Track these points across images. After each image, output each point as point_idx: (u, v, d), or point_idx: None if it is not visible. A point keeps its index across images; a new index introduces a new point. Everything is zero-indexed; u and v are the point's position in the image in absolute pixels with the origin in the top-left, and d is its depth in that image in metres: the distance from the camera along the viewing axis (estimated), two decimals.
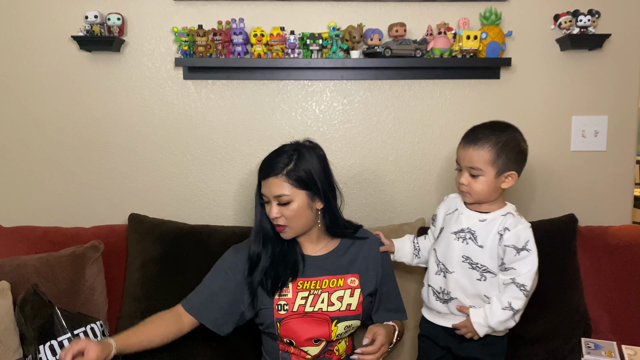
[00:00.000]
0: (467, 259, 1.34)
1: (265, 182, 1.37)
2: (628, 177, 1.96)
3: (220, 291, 1.42)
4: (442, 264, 1.39)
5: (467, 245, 1.35)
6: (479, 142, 1.30)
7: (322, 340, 1.39)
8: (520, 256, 1.30)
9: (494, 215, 1.35)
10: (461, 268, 1.35)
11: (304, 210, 1.37)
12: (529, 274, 1.29)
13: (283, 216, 1.36)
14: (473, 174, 1.32)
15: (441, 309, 1.41)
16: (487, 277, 1.34)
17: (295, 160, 1.36)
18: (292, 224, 1.37)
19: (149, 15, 1.84)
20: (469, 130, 1.36)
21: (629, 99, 1.92)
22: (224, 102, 1.89)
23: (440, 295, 1.40)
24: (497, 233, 1.32)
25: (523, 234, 1.31)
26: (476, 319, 1.33)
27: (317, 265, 1.44)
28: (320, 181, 1.38)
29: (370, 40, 1.76)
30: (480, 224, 1.35)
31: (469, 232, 1.35)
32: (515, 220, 1.33)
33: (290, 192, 1.35)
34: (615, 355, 1.54)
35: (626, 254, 1.70)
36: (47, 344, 1.39)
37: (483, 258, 1.33)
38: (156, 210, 1.88)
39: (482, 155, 1.30)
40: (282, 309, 1.38)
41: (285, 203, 1.35)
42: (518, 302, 1.30)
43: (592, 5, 1.83)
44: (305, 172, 1.36)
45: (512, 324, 1.33)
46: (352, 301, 1.41)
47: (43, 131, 1.88)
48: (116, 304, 1.69)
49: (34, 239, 1.72)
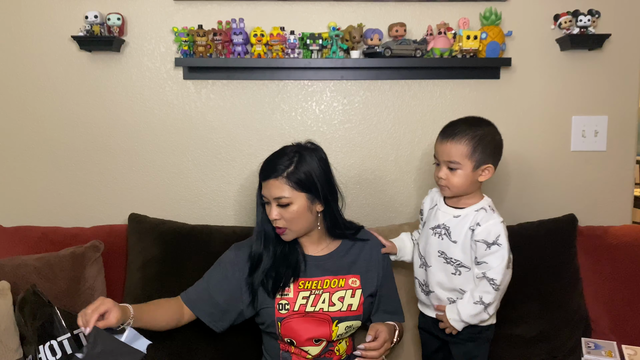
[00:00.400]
0: (442, 254, 1.38)
1: (265, 183, 1.37)
2: (628, 177, 1.96)
3: (219, 287, 1.43)
4: (424, 257, 1.44)
5: (442, 240, 1.38)
6: (457, 136, 1.33)
7: (323, 340, 1.39)
8: (491, 250, 1.32)
9: (467, 211, 1.37)
10: (437, 262, 1.39)
11: (303, 212, 1.36)
12: (499, 268, 1.31)
13: (283, 218, 1.36)
14: (451, 167, 1.34)
15: (425, 300, 1.46)
16: (461, 272, 1.36)
17: (296, 162, 1.35)
18: (291, 226, 1.37)
19: (149, 15, 1.84)
20: (445, 126, 1.39)
21: (629, 99, 1.92)
22: (224, 102, 1.89)
23: (424, 288, 1.45)
24: (469, 229, 1.35)
25: (494, 229, 1.33)
26: (450, 315, 1.37)
27: (319, 266, 1.44)
28: (320, 184, 1.37)
29: (370, 40, 1.77)
30: (454, 220, 1.38)
31: (444, 227, 1.39)
32: (487, 215, 1.35)
33: (290, 194, 1.34)
34: (615, 355, 1.54)
35: (626, 254, 1.70)
36: (46, 344, 1.39)
37: (456, 253, 1.36)
38: (156, 210, 1.88)
39: (459, 149, 1.33)
40: (283, 309, 1.38)
41: (284, 205, 1.35)
42: (488, 296, 1.32)
43: (592, 5, 1.83)
44: (305, 174, 1.35)
45: (485, 317, 1.35)
46: (353, 302, 1.41)
47: (43, 131, 1.88)
48: None
49: (34, 239, 1.72)
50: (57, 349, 1.39)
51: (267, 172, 1.37)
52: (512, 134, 1.91)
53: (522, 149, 1.92)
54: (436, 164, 1.39)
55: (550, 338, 1.64)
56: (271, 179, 1.35)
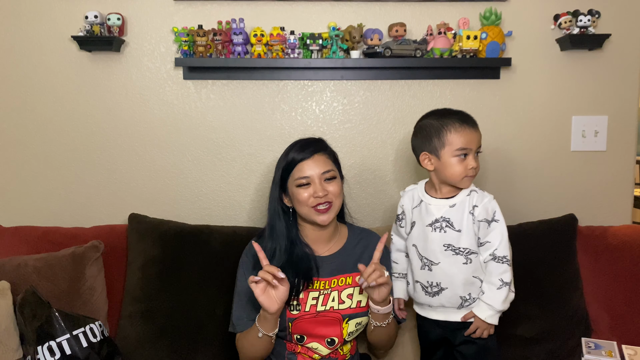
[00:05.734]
0: (449, 247, 1.36)
1: (311, 159, 1.39)
2: (628, 177, 1.96)
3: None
4: (425, 257, 1.40)
5: (446, 233, 1.36)
6: (475, 122, 1.37)
7: (336, 341, 1.40)
8: (492, 227, 1.35)
9: (461, 198, 1.38)
10: (446, 257, 1.37)
11: (341, 188, 1.44)
12: (503, 244, 1.34)
13: (329, 192, 1.39)
14: (478, 152, 1.38)
15: (432, 302, 1.41)
16: (472, 259, 1.36)
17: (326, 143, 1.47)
18: (336, 201, 1.40)
19: (149, 15, 1.84)
20: (459, 114, 1.38)
21: (629, 99, 1.92)
22: (224, 102, 1.89)
23: (429, 289, 1.40)
24: (469, 213, 1.36)
25: (489, 205, 1.36)
26: (482, 313, 1.35)
27: (327, 266, 1.45)
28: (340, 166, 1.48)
29: (370, 40, 1.77)
30: (451, 210, 1.37)
31: (444, 220, 1.37)
32: (480, 195, 1.37)
33: (333, 168, 1.42)
34: (616, 355, 1.54)
35: (626, 254, 1.70)
36: (45, 345, 1.39)
37: (463, 241, 1.36)
38: (156, 210, 1.88)
39: (480, 134, 1.37)
40: (294, 309, 1.40)
41: (331, 178, 1.40)
42: (507, 275, 1.34)
43: (592, 5, 1.83)
44: (335, 155, 1.48)
45: (512, 296, 1.37)
46: (361, 298, 1.43)
47: (43, 131, 1.88)
48: (116, 304, 1.69)
49: (34, 239, 1.72)
50: (56, 350, 1.39)
51: (311, 148, 1.41)
52: (512, 134, 1.91)
53: (522, 149, 1.92)
54: (463, 155, 1.34)
55: (550, 338, 1.64)
56: (318, 153, 1.41)
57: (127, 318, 1.64)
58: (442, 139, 1.35)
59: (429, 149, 1.38)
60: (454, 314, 1.40)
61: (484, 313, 1.35)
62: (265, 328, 1.32)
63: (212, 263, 1.67)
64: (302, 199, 1.38)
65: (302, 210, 1.40)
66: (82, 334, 1.44)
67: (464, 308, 1.38)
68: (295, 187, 1.39)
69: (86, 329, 1.45)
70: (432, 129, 1.37)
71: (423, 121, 1.43)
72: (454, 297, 1.37)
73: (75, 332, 1.43)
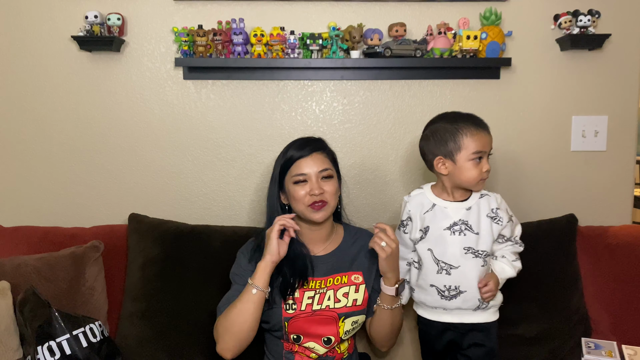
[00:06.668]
0: (469, 249, 1.36)
1: (308, 158, 1.40)
2: (628, 177, 1.96)
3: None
4: (443, 262, 1.37)
5: (465, 236, 1.37)
6: (487, 125, 1.39)
7: (332, 340, 1.40)
8: (514, 222, 1.44)
9: (474, 200, 1.41)
10: (466, 260, 1.36)
11: (338, 188, 1.44)
12: (520, 231, 1.47)
13: (325, 192, 1.39)
14: (489, 155, 1.39)
15: (447, 305, 1.39)
16: (487, 262, 1.39)
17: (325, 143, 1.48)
18: (331, 200, 1.40)
19: (149, 15, 1.84)
20: (472, 118, 1.38)
21: (629, 99, 1.92)
22: (224, 102, 1.89)
23: (446, 293, 1.38)
24: (487, 217, 1.38)
25: (502, 205, 1.43)
26: (504, 274, 1.42)
27: (322, 266, 1.45)
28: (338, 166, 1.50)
29: (370, 40, 1.77)
30: (468, 212, 1.39)
31: (463, 223, 1.37)
32: (492, 197, 1.43)
33: (331, 167, 1.43)
34: (616, 355, 1.54)
35: (626, 254, 1.70)
36: (45, 345, 1.39)
37: (482, 244, 1.37)
38: (156, 210, 1.88)
39: (491, 137, 1.39)
40: (290, 308, 1.40)
41: (328, 177, 1.41)
42: (520, 248, 1.47)
43: (592, 5, 1.83)
44: (334, 155, 1.49)
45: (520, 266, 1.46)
46: (357, 296, 1.43)
47: (43, 131, 1.88)
48: (116, 304, 1.69)
49: (34, 239, 1.72)
50: (56, 350, 1.39)
51: (310, 147, 1.42)
52: (512, 134, 1.91)
53: (522, 149, 1.92)
54: (478, 158, 1.34)
55: (550, 338, 1.64)
56: (317, 152, 1.42)
57: (127, 318, 1.64)
58: (457, 143, 1.34)
59: (444, 152, 1.36)
60: (469, 316, 1.39)
61: (505, 274, 1.41)
62: (260, 281, 1.33)
63: (212, 263, 1.67)
64: (299, 196, 1.38)
65: (298, 208, 1.40)
66: (82, 334, 1.44)
67: (479, 310, 1.39)
68: (292, 184, 1.40)
69: (86, 329, 1.45)
70: (447, 133, 1.35)
71: (434, 125, 1.40)
72: (473, 300, 1.37)
73: (75, 332, 1.43)
